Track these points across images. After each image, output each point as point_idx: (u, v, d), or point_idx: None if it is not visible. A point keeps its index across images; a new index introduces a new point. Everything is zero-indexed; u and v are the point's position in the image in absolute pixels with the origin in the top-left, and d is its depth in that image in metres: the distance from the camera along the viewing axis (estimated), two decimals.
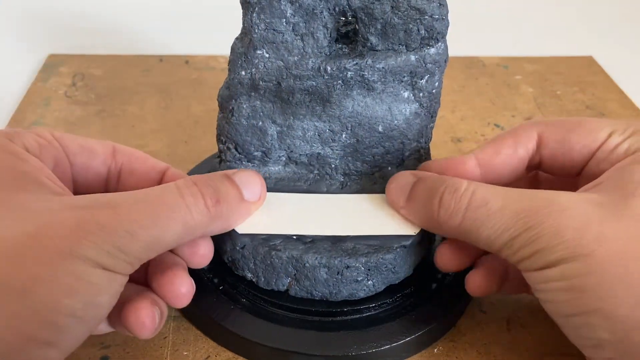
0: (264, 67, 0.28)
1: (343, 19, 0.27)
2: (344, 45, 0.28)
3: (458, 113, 0.49)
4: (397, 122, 0.29)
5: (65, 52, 0.55)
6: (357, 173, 0.31)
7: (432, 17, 0.26)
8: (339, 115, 0.29)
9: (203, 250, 0.27)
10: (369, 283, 0.29)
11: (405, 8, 0.26)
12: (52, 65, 0.53)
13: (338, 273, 0.28)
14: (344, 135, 0.30)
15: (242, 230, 0.28)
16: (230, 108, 0.29)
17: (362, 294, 0.30)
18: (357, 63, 0.27)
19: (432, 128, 0.31)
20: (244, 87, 0.29)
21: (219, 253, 0.31)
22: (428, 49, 0.28)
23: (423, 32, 0.27)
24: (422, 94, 0.29)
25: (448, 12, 0.27)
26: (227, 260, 0.31)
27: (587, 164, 0.29)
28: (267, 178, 0.31)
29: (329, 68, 0.27)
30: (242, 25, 0.28)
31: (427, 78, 0.29)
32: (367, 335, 0.28)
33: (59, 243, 0.21)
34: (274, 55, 0.28)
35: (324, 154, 0.30)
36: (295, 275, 0.29)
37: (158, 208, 0.24)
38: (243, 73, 0.28)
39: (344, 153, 0.31)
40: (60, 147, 0.28)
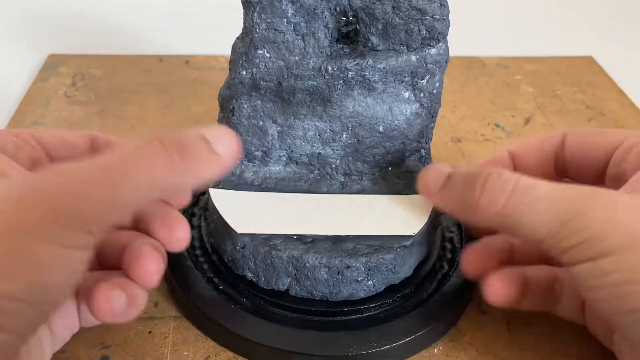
0: (265, 66, 0.28)
1: (344, 19, 0.27)
2: (345, 45, 0.28)
3: (458, 113, 0.49)
4: (397, 122, 0.29)
5: (65, 52, 0.55)
6: (357, 173, 0.31)
7: (433, 17, 0.26)
8: (340, 115, 0.29)
9: (180, 233, 0.26)
10: (369, 283, 0.29)
11: (407, 8, 0.26)
12: (52, 65, 0.53)
13: (338, 273, 0.28)
14: (345, 135, 0.30)
15: (242, 230, 0.28)
16: (231, 108, 0.29)
17: (362, 294, 0.30)
18: (358, 63, 0.27)
19: (432, 128, 0.31)
20: (245, 86, 0.29)
21: (219, 253, 0.31)
22: (429, 49, 0.28)
23: (424, 32, 0.27)
24: (422, 94, 0.29)
25: (449, 12, 0.27)
26: (227, 260, 0.31)
27: (607, 166, 0.29)
28: (267, 178, 0.31)
29: (330, 68, 0.27)
30: (243, 25, 0.28)
31: (427, 78, 0.29)
32: (367, 335, 0.28)
33: (2, 222, 0.20)
34: (275, 55, 0.28)
35: (325, 154, 0.31)
36: (296, 275, 0.29)
37: (111, 165, 0.21)
38: (244, 73, 0.28)
39: (345, 153, 0.31)
40: (39, 145, 0.27)
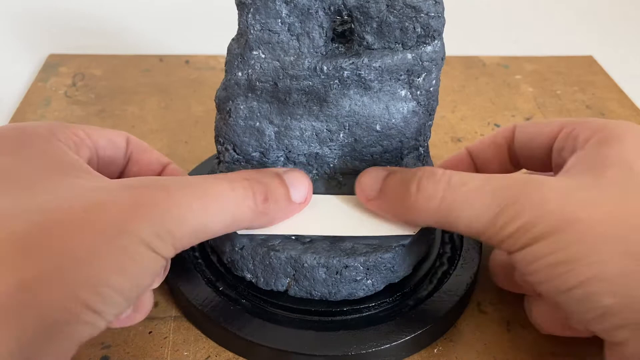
0: (260, 67, 0.28)
1: (339, 18, 0.27)
2: (340, 45, 0.28)
3: (458, 113, 0.49)
4: (394, 120, 0.29)
5: (65, 52, 0.55)
6: (355, 172, 0.31)
7: (427, 14, 0.26)
8: (336, 115, 0.29)
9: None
10: (368, 282, 0.29)
11: (401, 6, 0.26)
12: (52, 65, 0.53)
13: (337, 273, 0.28)
14: (342, 135, 0.30)
15: (240, 231, 0.28)
16: (228, 109, 0.29)
17: (361, 294, 0.30)
18: (353, 62, 0.27)
19: (430, 126, 0.31)
20: (241, 88, 0.29)
21: (218, 254, 0.31)
22: (424, 47, 0.28)
23: (419, 30, 0.27)
24: (419, 92, 0.29)
25: (444, 9, 0.27)
26: (226, 261, 0.31)
27: (551, 157, 0.30)
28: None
29: (325, 68, 0.27)
30: (238, 26, 0.28)
31: (424, 76, 0.29)
32: (366, 335, 0.28)
33: (116, 218, 0.22)
34: (270, 56, 0.28)
35: (322, 154, 0.31)
36: (294, 276, 0.29)
37: (208, 196, 0.24)
38: (240, 74, 0.28)
39: (342, 152, 0.31)
40: (92, 144, 0.29)
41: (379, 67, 0.28)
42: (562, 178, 0.26)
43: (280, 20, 0.27)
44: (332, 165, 0.31)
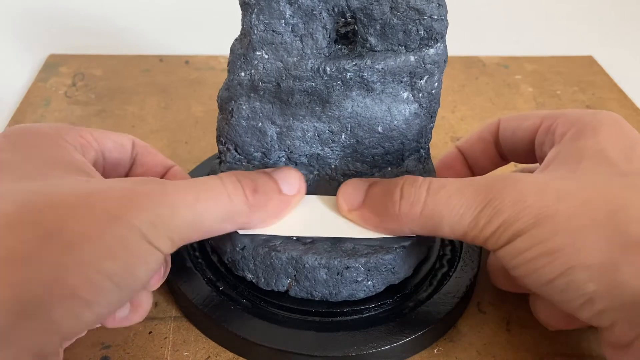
0: (263, 68, 0.28)
1: (342, 20, 0.27)
2: (343, 46, 0.28)
3: (458, 113, 0.49)
4: (396, 122, 0.29)
5: (65, 52, 0.55)
6: (357, 173, 0.31)
7: (431, 17, 0.26)
8: (339, 116, 0.29)
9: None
10: (369, 283, 0.29)
11: (404, 9, 0.26)
12: (52, 65, 0.53)
13: (338, 273, 0.28)
14: (344, 136, 0.30)
15: (242, 231, 0.28)
16: (230, 109, 0.29)
17: (362, 295, 0.30)
18: (356, 64, 0.27)
19: (432, 128, 0.31)
20: (244, 88, 0.29)
21: (219, 254, 0.31)
22: (427, 50, 0.28)
23: (422, 32, 0.27)
24: (421, 95, 0.29)
25: (447, 12, 0.27)
26: (227, 261, 0.31)
27: (534, 150, 0.30)
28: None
29: (328, 69, 0.27)
30: (241, 27, 0.28)
31: (426, 78, 0.29)
32: (367, 336, 0.28)
33: (109, 206, 0.22)
34: (273, 56, 0.28)
35: (324, 155, 0.31)
36: (295, 276, 0.29)
37: (201, 190, 0.24)
38: (242, 74, 0.28)
39: (344, 154, 0.31)
40: (99, 147, 0.29)
41: (382, 69, 0.28)
42: (539, 174, 0.26)
43: (284, 21, 0.27)
44: (333, 167, 0.31)
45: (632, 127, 0.28)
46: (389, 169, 0.31)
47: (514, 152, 0.32)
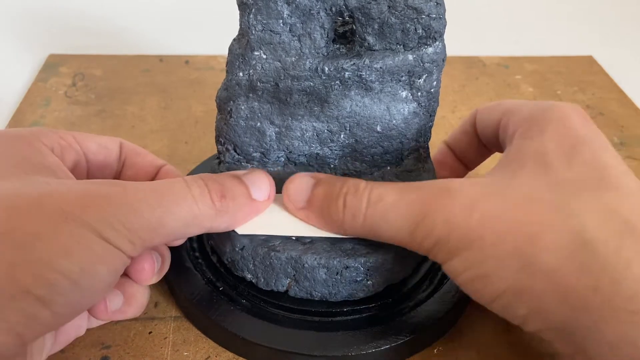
0: (262, 68, 0.28)
1: (340, 19, 0.27)
2: (342, 46, 0.28)
3: (458, 113, 0.49)
4: (395, 121, 0.29)
5: (65, 52, 0.55)
6: (356, 173, 0.31)
7: (429, 16, 0.26)
8: (337, 116, 0.29)
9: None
10: (369, 283, 0.29)
11: (402, 7, 0.26)
12: (52, 65, 0.53)
13: (337, 273, 0.28)
14: (343, 136, 0.30)
15: (241, 231, 0.28)
16: (229, 109, 0.29)
17: (361, 294, 0.30)
18: (354, 63, 0.27)
19: (431, 127, 0.31)
20: (242, 88, 0.29)
21: (219, 254, 0.31)
22: (426, 48, 0.28)
23: (420, 31, 0.27)
24: (420, 94, 0.29)
25: (445, 11, 0.27)
26: (226, 261, 0.31)
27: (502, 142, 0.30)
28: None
29: (327, 68, 0.27)
30: (239, 27, 0.28)
31: (425, 77, 0.29)
32: (366, 336, 0.28)
33: (63, 206, 0.22)
34: (272, 56, 0.28)
35: (323, 154, 0.31)
36: (295, 276, 0.29)
37: (164, 193, 0.24)
38: (241, 74, 0.28)
39: (343, 153, 0.31)
40: (81, 149, 0.29)
41: (380, 68, 0.28)
42: (477, 180, 0.26)
43: (282, 21, 0.27)
44: (332, 166, 0.31)
45: (585, 120, 0.27)
46: (388, 168, 0.31)
47: (490, 143, 0.32)
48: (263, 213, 0.29)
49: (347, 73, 0.28)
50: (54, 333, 0.26)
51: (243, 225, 0.28)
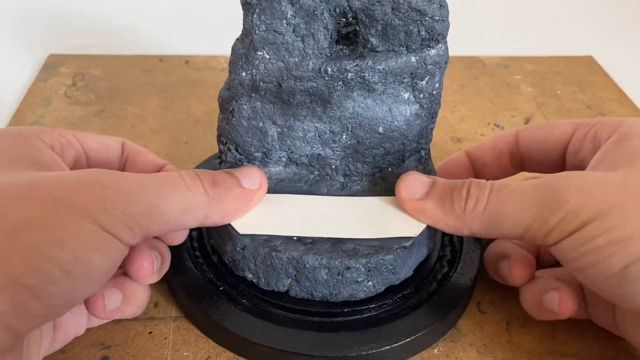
0: (265, 68, 0.28)
1: (344, 20, 0.27)
2: (345, 47, 0.28)
3: (458, 113, 0.49)
4: (397, 123, 0.29)
5: (65, 52, 0.55)
6: (357, 174, 0.31)
7: (432, 18, 0.26)
8: (340, 117, 0.29)
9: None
10: (369, 284, 0.29)
11: (406, 9, 0.26)
12: (52, 65, 0.53)
13: (338, 274, 0.28)
14: (345, 137, 0.30)
15: (243, 231, 0.28)
16: (231, 109, 0.29)
17: (362, 295, 0.30)
18: (357, 64, 0.27)
19: (432, 129, 0.31)
20: (245, 88, 0.29)
21: (219, 254, 0.31)
22: (428, 50, 0.28)
23: (423, 33, 0.27)
24: (422, 95, 0.29)
25: (448, 13, 0.27)
26: (227, 261, 0.31)
27: (565, 158, 0.31)
28: (267, 179, 0.31)
29: (330, 69, 0.27)
30: (242, 27, 0.28)
31: (427, 79, 0.29)
32: (367, 336, 0.28)
33: (57, 194, 0.21)
34: (275, 57, 0.28)
35: (325, 155, 0.31)
36: (296, 276, 0.29)
37: (158, 181, 0.25)
38: (244, 74, 0.28)
39: (345, 154, 0.31)
40: (81, 147, 0.29)
41: (383, 69, 0.28)
42: (595, 172, 0.26)
43: (286, 21, 0.27)
44: (334, 167, 0.31)
45: None
46: (390, 170, 0.31)
47: (538, 161, 0.32)
48: (264, 213, 0.29)
49: (349, 74, 0.28)
50: (52, 330, 0.26)
51: (244, 225, 0.28)
